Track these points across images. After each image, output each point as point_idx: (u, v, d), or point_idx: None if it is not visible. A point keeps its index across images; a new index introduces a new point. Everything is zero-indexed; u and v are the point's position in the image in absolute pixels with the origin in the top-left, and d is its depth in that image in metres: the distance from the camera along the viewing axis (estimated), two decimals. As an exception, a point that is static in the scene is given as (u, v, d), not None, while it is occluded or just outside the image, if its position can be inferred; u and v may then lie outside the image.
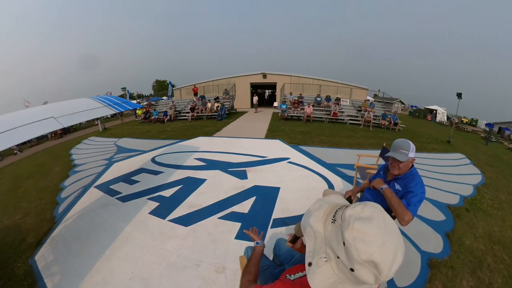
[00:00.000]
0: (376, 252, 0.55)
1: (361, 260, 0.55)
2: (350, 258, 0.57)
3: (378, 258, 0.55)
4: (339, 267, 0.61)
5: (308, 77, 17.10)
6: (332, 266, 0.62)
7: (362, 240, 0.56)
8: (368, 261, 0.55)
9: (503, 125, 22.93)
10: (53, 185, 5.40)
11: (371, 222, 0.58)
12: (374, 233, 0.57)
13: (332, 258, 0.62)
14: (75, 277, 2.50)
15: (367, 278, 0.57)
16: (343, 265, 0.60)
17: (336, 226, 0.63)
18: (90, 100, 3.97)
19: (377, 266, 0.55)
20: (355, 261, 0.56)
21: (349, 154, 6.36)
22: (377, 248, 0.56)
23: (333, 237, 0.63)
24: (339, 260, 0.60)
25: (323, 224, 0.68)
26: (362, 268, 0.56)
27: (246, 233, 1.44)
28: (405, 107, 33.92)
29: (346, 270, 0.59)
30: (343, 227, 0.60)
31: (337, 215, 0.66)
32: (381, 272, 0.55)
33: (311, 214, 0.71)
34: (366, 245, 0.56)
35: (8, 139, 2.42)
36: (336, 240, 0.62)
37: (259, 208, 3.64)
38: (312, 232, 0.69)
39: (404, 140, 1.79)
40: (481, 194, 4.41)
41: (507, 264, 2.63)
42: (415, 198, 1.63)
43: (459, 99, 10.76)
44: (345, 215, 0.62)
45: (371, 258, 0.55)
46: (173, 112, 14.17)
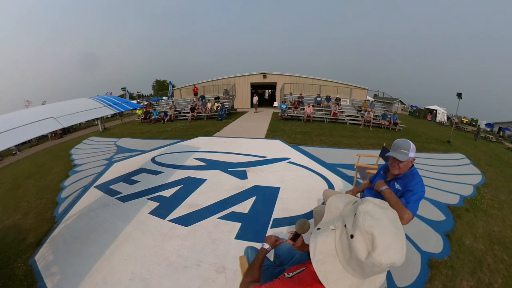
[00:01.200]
0: (377, 227, 0.63)
1: (363, 228, 0.63)
2: (355, 224, 0.65)
3: (377, 233, 0.61)
4: (341, 236, 0.69)
5: (308, 77, 17.10)
6: (335, 235, 0.70)
7: (371, 214, 0.65)
8: (368, 231, 0.62)
9: (503, 125, 22.94)
10: (53, 185, 5.40)
11: (384, 210, 0.68)
12: (382, 216, 0.66)
13: (339, 227, 0.71)
14: (75, 277, 2.50)
15: (361, 251, 0.62)
16: (345, 234, 0.67)
17: (354, 206, 0.73)
18: (90, 100, 3.97)
19: (374, 240, 0.61)
20: (358, 228, 0.64)
21: (349, 154, 6.36)
22: (379, 225, 0.63)
23: (348, 213, 0.72)
24: (344, 229, 0.68)
25: (344, 205, 0.79)
26: (360, 237, 0.63)
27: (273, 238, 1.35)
28: (405, 107, 33.92)
29: (346, 238, 0.66)
30: (361, 203, 0.70)
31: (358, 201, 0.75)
32: (375, 248, 0.60)
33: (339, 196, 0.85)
34: (372, 218, 0.64)
35: (8, 139, 2.42)
36: (351, 213, 0.70)
37: (259, 208, 3.64)
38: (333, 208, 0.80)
39: (404, 140, 1.79)
40: (481, 194, 4.41)
41: (507, 264, 2.63)
42: (414, 196, 1.63)
43: (459, 99, 10.76)
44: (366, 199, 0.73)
45: (371, 229, 0.62)
46: (173, 112, 14.17)
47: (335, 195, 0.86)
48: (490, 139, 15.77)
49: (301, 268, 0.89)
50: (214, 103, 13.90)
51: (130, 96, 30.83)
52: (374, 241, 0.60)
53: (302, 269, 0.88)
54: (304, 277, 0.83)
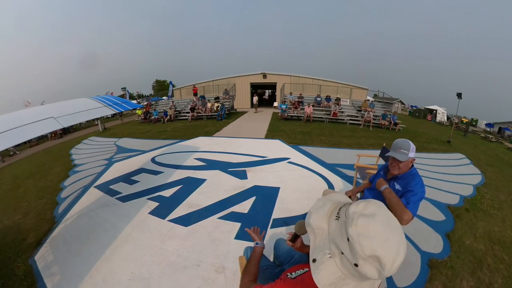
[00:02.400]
0: (379, 247, 0.57)
1: (365, 255, 0.56)
2: (354, 253, 0.58)
3: (381, 253, 0.56)
4: (343, 262, 0.62)
5: (308, 77, 17.10)
6: (336, 262, 0.63)
7: (366, 235, 0.57)
8: (371, 256, 0.56)
9: (503, 125, 22.93)
10: (53, 185, 5.40)
11: (374, 219, 0.60)
12: (377, 229, 0.59)
13: (336, 254, 0.63)
14: (75, 277, 2.50)
15: (371, 273, 0.58)
16: (347, 261, 0.61)
17: (340, 223, 0.65)
18: (90, 100, 3.97)
19: (381, 261, 0.56)
20: (359, 256, 0.57)
21: (349, 154, 6.36)
22: (380, 243, 0.57)
23: (337, 234, 0.64)
24: (343, 256, 0.61)
25: (327, 221, 0.69)
26: (366, 263, 0.57)
27: (247, 232, 1.44)
28: (405, 107, 33.92)
29: (350, 265, 0.60)
30: (347, 223, 0.61)
31: (341, 212, 0.67)
32: (384, 267, 0.56)
33: (315, 212, 0.72)
34: (370, 240, 0.57)
35: (8, 139, 2.42)
36: (340, 236, 0.63)
37: (259, 208, 3.64)
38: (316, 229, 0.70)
39: (404, 140, 1.79)
40: (481, 194, 4.41)
41: (507, 264, 2.63)
42: (414, 197, 1.62)
43: (459, 99, 10.76)
44: (349, 212, 0.63)
45: (374, 253, 0.56)
46: (173, 112, 14.17)
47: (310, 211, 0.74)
48: (490, 139, 15.77)
49: (304, 269, 0.89)
50: (214, 103, 13.90)
51: (130, 96, 30.86)
52: (381, 261, 0.56)
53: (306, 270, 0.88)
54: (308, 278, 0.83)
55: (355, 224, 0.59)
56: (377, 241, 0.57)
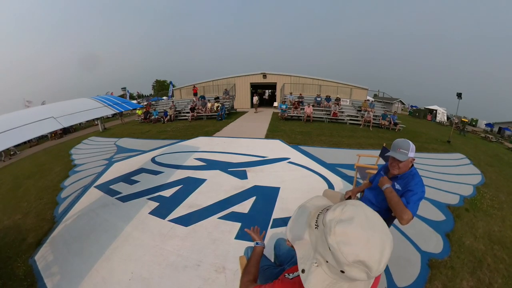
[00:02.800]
0: (362, 252, 0.56)
1: (349, 262, 0.56)
2: (338, 261, 0.58)
3: (365, 257, 0.56)
4: (331, 269, 0.62)
5: (308, 77, 17.10)
6: (324, 270, 0.63)
7: (346, 242, 0.56)
8: (355, 261, 0.56)
9: (503, 125, 22.92)
10: (53, 185, 5.40)
11: (352, 223, 0.58)
12: (357, 233, 0.57)
13: (322, 262, 0.63)
14: (75, 277, 2.50)
15: (359, 276, 0.58)
16: (333, 268, 0.61)
17: (320, 232, 0.64)
18: (90, 100, 3.97)
19: (366, 264, 0.56)
20: (343, 264, 0.57)
21: (349, 154, 6.36)
22: (362, 247, 0.56)
23: (319, 243, 0.64)
24: (328, 264, 0.62)
25: (307, 230, 0.69)
26: (352, 269, 0.57)
27: (247, 232, 1.44)
28: (405, 107, 33.91)
29: (338, 272, 0.60)
30: (326, 232, 0.61)
31: (319, 220, 0.67)
32: (371, 268, 0.56)
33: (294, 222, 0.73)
34: (351, 246, 0.56)
35: (8, 139, 2.42)
36: (322, 245, 0.63)
37: (259, 208, 3.64)
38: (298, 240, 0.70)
39: (404, 140, 1.79)
40: (481, 194, 4.41)
41: (507, 264, 2.63)
42: (414, 196, 1.63)
43: (459, 99, 10.76)
44: (326, 220, 0.62)
45: (358, 258, 0.56)
46: (173, 112, 14.17)
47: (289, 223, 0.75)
48: (490, 139, 15.76)
49: None
50: (214, 103, 13.90)
51: (130, 96, 30.87)
52: (366, 265, 0.56)
53: None
54: None
55: (333, 233, 0.58)
56: (359, 246, 0.56)
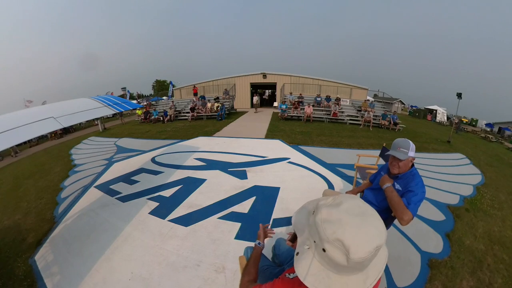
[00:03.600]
0: (339, 230, 0.61)
1: (328, 239, 0.61)
2: (320, 238, 0.63)
3: (342, 236, 0.60)
4: (317, 252, 0.66)
5: (308, 77, 17.10)
6: (313, 253, 0.67)
7: (328, 220, 0.63)
8: (334, 239, 0.60)
9: (503, 125, 22.91)
10: (53, 185, 5.40)
11: (338, 207, 0.66)
12: (340, 215, 0.63)
13: (312, 244, 0.68)
14: (75, 277, 2.50)
15: (339, 258, 0.61)
16: (319, 249, 0.65)
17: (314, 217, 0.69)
18: (90, 100, 3.97)
19: (344, 244, 0.59)
20: (324, 240, 0.62)
21: (349, 154, 6.36)
22: (340, 227, 0.61)
23: (312, 226, 0.69)
24: (315, 245, 0.66)
25: (308, 218, 0.74)
26: (331, 247, 0.61)
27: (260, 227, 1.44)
28: (405, 107, 33.90)
29: (322, 253, 0.64)
30: (315, 214, 0.68)
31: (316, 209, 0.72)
32: (349, 250, 0.59)
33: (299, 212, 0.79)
34: (331, 224, 0.62)
35: (8, 139, 2.42)
36: (314, 226, 0.68)
37: (259, 208, 3.64)
38: (300, 226, 0.76)
39: (404, 140, 1.79)
40: (481, 194, 4.41)
41: (507, 264, 2.63)
42: (415, 197, 1.62)
43: (459, 99, 10.76)
44: (318, 205, 0.70)
45: (335, 235, 0.60)
46: (173, 112, 14.18)
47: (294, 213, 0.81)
48: (490, 139, 15.76)
49: None
50: (214, 103, 13.91)
51: (130, 96, 30.88)
52: (344, 244, 0.59)
53: None
54: None
55: (320, 213, 0.66)
56: (337, 225, 0.61)
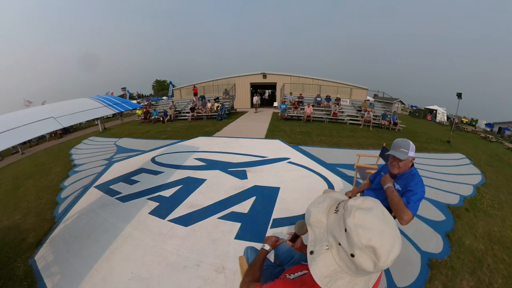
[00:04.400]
0: (375, 237, 0.59)
1: (361, 245, 0.59)
2: (351, 243, 0.61)
3: (376, 244, 0.58)
4: (340, 254, 0.64)
5: (308, 77, 17.10)
6: (333, 254, 0.65)
7: (362, 226, 0.60)
8: (367, 246, 0.59)
9: (503, 125, 22.90)
10: (53, 185, 5.40)
11: (370, 212, 0.63)
12: (373, 221, 0.62)
13: (333, 245, 0.66)
14: (75, 277, 2.50)
15: (366, 265, 0.60)
16: (343, 252, 0.63)
17: (338, 216, 0.68)
18: (90, 100, 3.97)
19: (376, 252, 0.58)
20: (356, 246, 0.60)
21: (349, 154, 6.36)
22: (376, 234, 0.60)
23: (335, 226, 0.67)
24: (340, 247, 0.64)
25: (326, 215, 0.72)
26: (362, 254, 0.59)
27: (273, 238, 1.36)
28: (405, 107, 33.90)
29: (347, 257, 0.62)
30: (345, 215, 0.64)
31: (339, 206, 0.70)
32: (380, 258, 0.58)
33: (314, 206, 0.77)
34: (366, 230, 0.60)
35: (8, 139, 2.42)
36: (338, 227, 0.66)
37: (259, 208, 3.64)
38: (315, 223, 0.73)
39: (404, 140, 1.79)
40: (481, 194, 4.41)
41: (507, 264, 2.63)
42: (414, 196, 1.63)
43: (459, 99, 10.75)
44: (347, 205, 0.66)
45: (370, 243, 0.59)
46: (173, 112, 14.17)
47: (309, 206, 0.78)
48: (490, 139, 15.76)
49: (303, 271, 0.89)
50: (214, 103, 13.90)
51: (130, 96, 30.88)
52: (376, 252, 0.58)
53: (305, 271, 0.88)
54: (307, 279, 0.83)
55: (353, 216, 0.62)
56: (373, 232, 0.60)
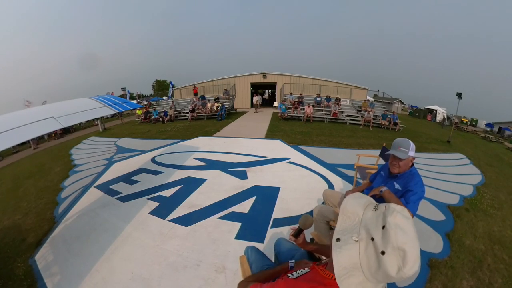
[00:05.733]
0: (409, 242, 0.61)
1: (396, 245, 0.60)
2: (386, 240, 0.62)
3: (409, 249, 0.60)
4: (368, 249, 0.64)
5: (308, 77, 17.11)
6: (360, 247, 0.66)
7: (402, 228, 0.62)
8: (401, 248, 0.60)
9: (503, 125, 22.92)
10: (53, 185, 5.40)
11: (409, 220, 0.66)
12: (411, 228, 0.64)
13: (364, 239, 0.66)
14: (75, 277, 2.50)
15: (391, 267, 0.60)
16: (373, 248, 0.63)
17: (377, 213, 0.69)
18: (90, 100, 3.97)
19: (405, 256, 0.59)
20: (390, 244, 0.61)
21: (349, 154, 6.36)
22: (411, 240, 0.62)
23: (372, 221, 0.68)
24: (371, 242, 0.64)
25: (363, 209, 0.73)
26: (393, 254, 0.60)
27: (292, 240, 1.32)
28: (405, 107, 33.91)
29: (374, 254, 0.63)
30: (388, 213, 0.66)
31: (379, 206, 0.71)
32: (406, 264, 0.59)
33: (354, 198, 0.78)
34: (404, 233, 0.62)
35: (8, 139, 2.42)
36: (375, 223, 0.66)
37: (259, 208, 3.64)
38: (350, 213, 0.73)
39: (404, 139, 1.80)
40: (481, 194, 4.41)
41: (507, 264, 2.63)
42: (414, 196, 1.63)
43: (459, 99, 10.76)
44: (390, 206, 0.69)
45: (404, 246, 0.60)
46: (173, 112, 14.18)
47: (349, 196, 0.79)
48: (490, 139, 15.77)
49: (306, 270, 0.89)
50: (214, 103, 13.91)
51: (130, 96, 30.88)
52: (405, 257, 0.59)
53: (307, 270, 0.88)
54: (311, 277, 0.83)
55: (395, 216, 0.64)
56: (409, 238, 0.62)
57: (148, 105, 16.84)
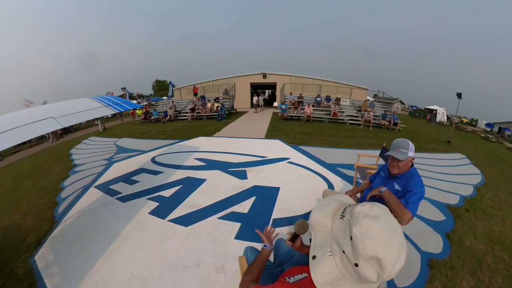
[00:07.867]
0: (381, 249, 0.57)
1: (367, 256, 0.56)
2: (356, 252, 0.58)
3: (382, 255, 0.56)
4: (343, 262, 0.62)
5: (308, 77, 17.10)
6: (336, 261, 0.63)
7: (369, 235, 0.58)
8: (373, 257, 0.56)
9: (503, 125, 22.92)
10: (53, 185, 5.40)
11: (378, 221, 0.60)
12: (380, 230, 0.59)
13: (337, 252, 0.63)
14: (75, 277, 2.50)
15: (370, 275, 0.57)
16: (347, 260, 0.60)
17: (344, 222, 0.65)
18: (90, 100, 3.97)
19: (381, 263, 0.56)
20: (361, 256, 0.57)
21: (349, 154, 6.36)
22: (383, 245, 0.57)
23: (340, 232, 0.64)
24: (344, 255, 0.61)
25: (331, 219, 0.69)
26: (366, 264, 0.57)
27: (258, 233, 1.42)
28: (405, 107, 33.89)
29: (350, 265, 0.60)
30: (352, 222, 0.62)
31: (346, 212, 0.67)
32: (384, 269, 0.56)
33: (319, 210, 0.73)
34: (372, 241, 0.57)
35: (8, 139, 2.42)
36: (343, 235, 0.63)
37: (259, 208, 3.64)
38: (318, 227, 0.70)
39: (403, 140, 1.79)
40: (481, 194, 4.41)
41: (507, 264, 2.62)
42: (414, 196, 1.63)
43: (459, 99, 10.75)
44: (354, 212, 0.63)
45: (376, 254, 0.56)
46: (173, 112, 14.18)
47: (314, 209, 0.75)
48: (490, 139, 15.77)
49: (303, 274, 0.89)
50: (214, 103, 13.91)
51: (130, 96, 30.86)
52: (381, 264, 0.56)
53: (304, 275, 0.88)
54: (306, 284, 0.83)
55: (359, 224, 0.59)
56: (380, 243, 0.57)
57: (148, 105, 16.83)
